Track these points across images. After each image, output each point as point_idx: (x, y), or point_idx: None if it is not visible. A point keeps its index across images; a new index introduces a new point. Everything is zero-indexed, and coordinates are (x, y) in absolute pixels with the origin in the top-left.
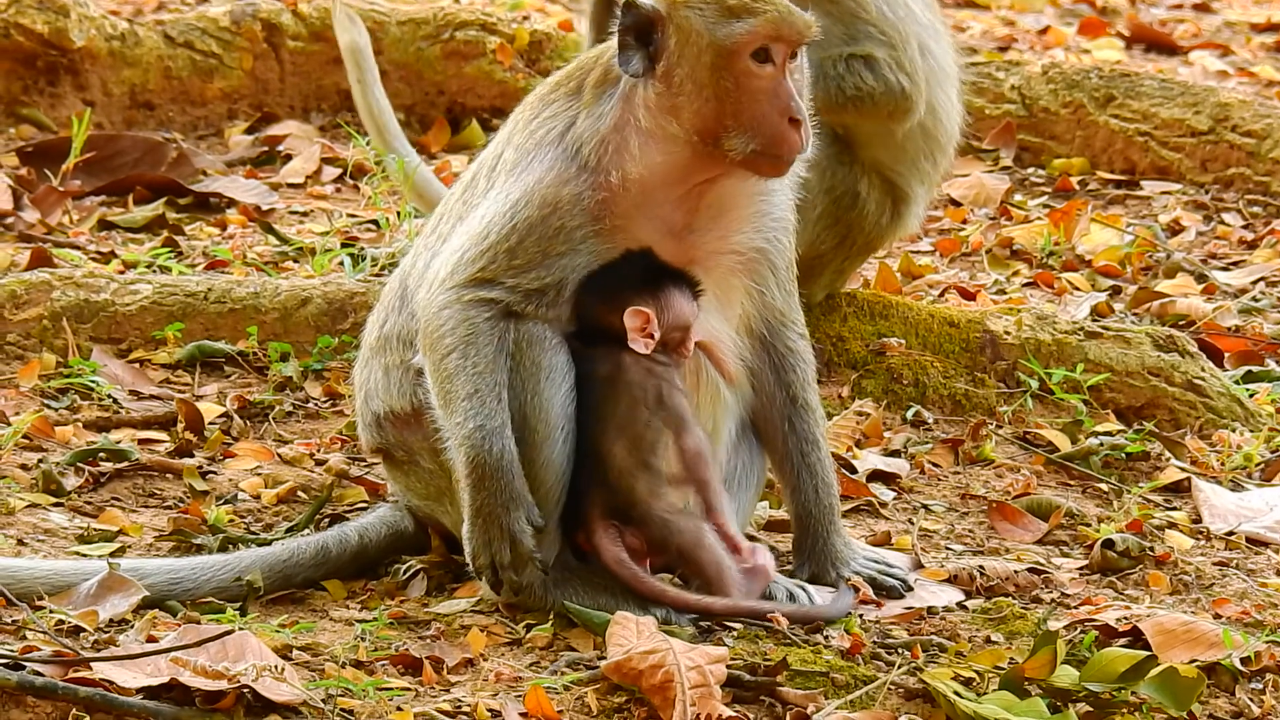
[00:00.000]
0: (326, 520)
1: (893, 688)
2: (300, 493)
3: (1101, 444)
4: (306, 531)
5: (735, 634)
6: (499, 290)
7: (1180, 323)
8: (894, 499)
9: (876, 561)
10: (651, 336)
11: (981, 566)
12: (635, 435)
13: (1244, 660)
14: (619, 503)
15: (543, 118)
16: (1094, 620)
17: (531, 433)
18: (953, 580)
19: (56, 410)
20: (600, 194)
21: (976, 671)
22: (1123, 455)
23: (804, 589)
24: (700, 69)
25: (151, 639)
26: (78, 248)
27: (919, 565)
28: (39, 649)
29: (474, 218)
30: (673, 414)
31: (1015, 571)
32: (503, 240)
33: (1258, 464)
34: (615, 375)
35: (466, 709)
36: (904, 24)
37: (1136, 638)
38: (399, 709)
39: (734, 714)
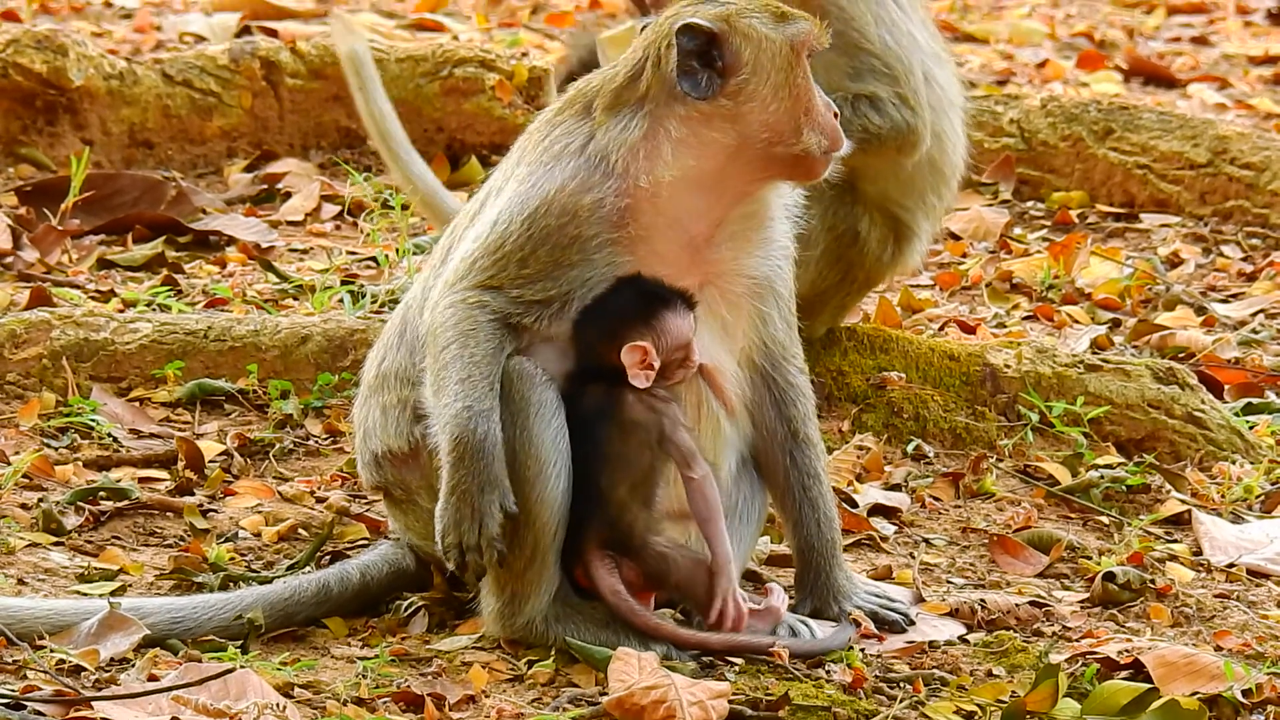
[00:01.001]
0: (328, 558)
1: None
2: (301, 530)
3: (1102, 477)
4: (308, 569)
5: (737, 669)
6: (502, 299)
7: (1180, 355)
8: (895, 533)
9: (878, 596)
10: (651, 367)
11: (983, 600)
12: (639, 477)
13: (1245, 692)
14: (618, 536)
15: (554, 136)
16: (1095, 653)
17: (522, 468)
18: (954, 614)
19: (56, 449)
20: (624, 200)
21: (978, 705)
22: (1123, 488)
23: (805, 624)
24: (778, 71)
25: (153, 678)
26: (77, 287)
27: (920, 599)
28: (40, 688)
29: (486, 219)
30: (678, 449)
31: (1016, 605)
32: (516, 250)
33: (1258, 496)
34: (619, 414)
35: None
36: (908, 53)
37: (1138, 670)
38: None
39: None
